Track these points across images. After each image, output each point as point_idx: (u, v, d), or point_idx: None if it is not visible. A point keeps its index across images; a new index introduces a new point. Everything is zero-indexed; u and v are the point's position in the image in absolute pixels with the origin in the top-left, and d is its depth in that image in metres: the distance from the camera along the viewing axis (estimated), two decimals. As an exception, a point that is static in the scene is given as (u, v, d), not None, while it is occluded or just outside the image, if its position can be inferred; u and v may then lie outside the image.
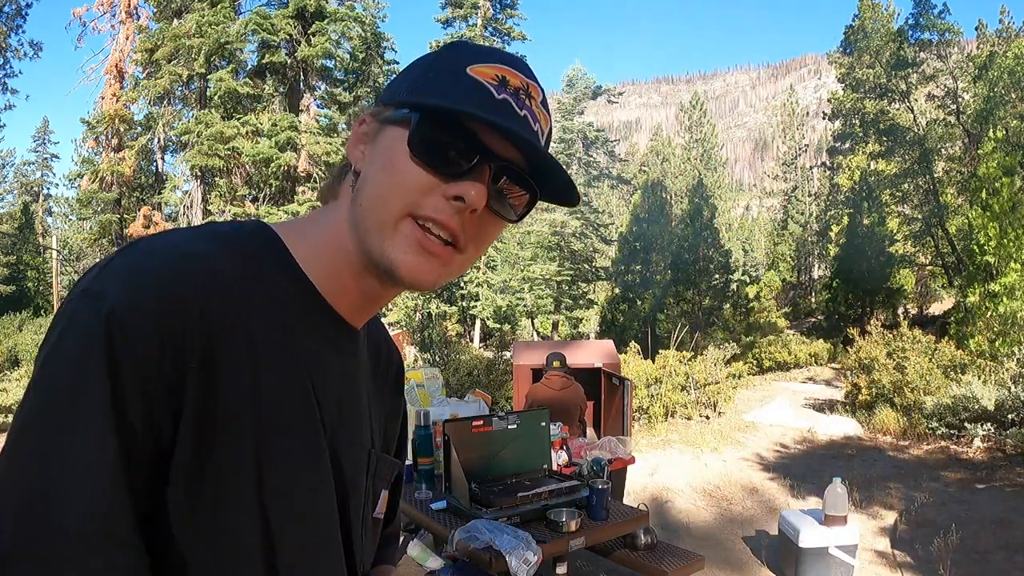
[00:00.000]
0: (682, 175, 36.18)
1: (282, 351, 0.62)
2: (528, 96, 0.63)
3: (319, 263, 0.67)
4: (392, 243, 0.62)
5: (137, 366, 0.53)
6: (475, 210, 0.61)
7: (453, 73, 0.62)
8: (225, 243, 0.63)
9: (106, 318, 0.53)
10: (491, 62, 0.63)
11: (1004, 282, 11.49)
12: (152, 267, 0.56)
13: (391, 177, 0.61)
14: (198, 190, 20.62)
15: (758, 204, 71.98)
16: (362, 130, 0.66)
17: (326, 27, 19.55)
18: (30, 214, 36.00)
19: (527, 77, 0.64)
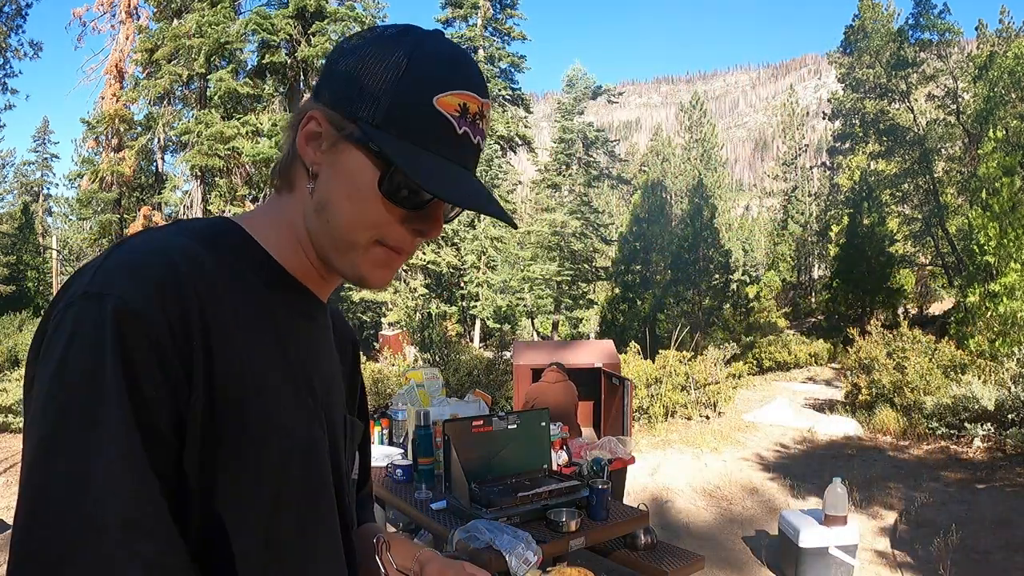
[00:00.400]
0: (682, 175, 36.18)
1: (264, 328, 0.68)
2: (482, 118, 0.69)
3: (282, 250, 0.73)
4: (362, 261, 0.70)
5: (152, 350, 0.57)
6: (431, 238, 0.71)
7: (419, 104, 0.65)
8: (193, 236, 0.67)
9: (113, 314, 0.56)
10: (454, 88, 0.66)
11: (1004, 282, 11.48)
12: (144, 260, 0.61)
13: (361, 208, 0.67)
14: (198, 190, 20.62)
15: (758, 204, 71.95)
16: (313, 129, 0.69)
17: (326, 27, 19.56)
18: (30, 214, 35.98)
19: (482, 96, 0.68)
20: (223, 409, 0.61)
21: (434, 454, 3.02)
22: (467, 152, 0.68)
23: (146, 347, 0.56)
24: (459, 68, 0.68)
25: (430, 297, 23.70)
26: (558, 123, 27.31)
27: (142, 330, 0.56)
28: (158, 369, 0.57)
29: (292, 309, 0.72)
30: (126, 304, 0.56)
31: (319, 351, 0.76)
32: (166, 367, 0.57)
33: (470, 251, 24.87)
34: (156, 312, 0.57)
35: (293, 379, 0.69)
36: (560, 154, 27.02)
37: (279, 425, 0.65)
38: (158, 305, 0.58)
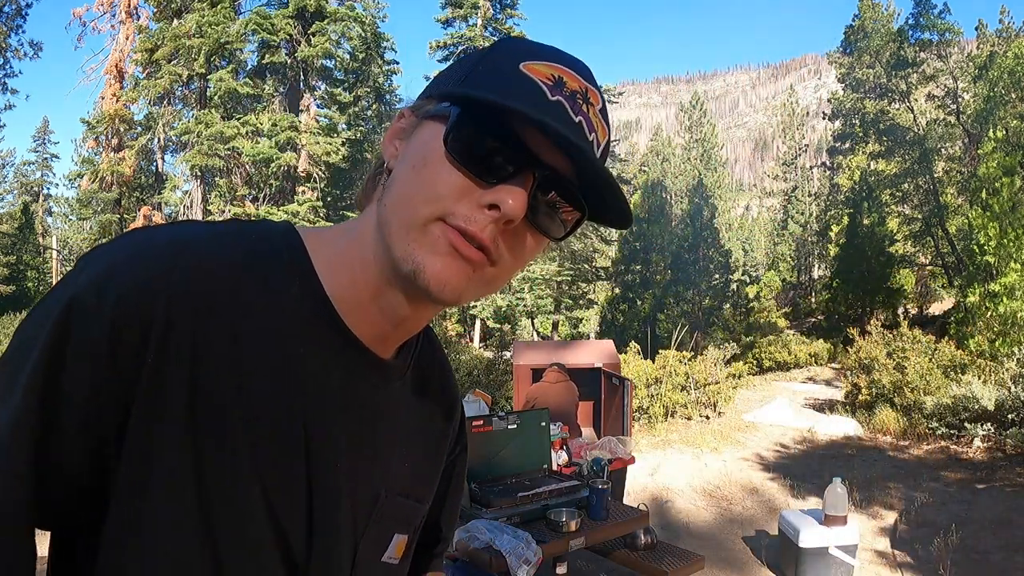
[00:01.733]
0: (682, 175, 36.17)
1: (272, 362, 0.57)
2: (586, 102, 0.57)
3: (338, 273, 0.60)
4: (419, 244, 0.55)
5: (85, 349, 0.51)
6: (511, 221, 0.54)
7: (504, 69, 0.56)
8: (236, 240, 0.58)
9: (67, 301, 0.52)
10: (548, 60, 0.57)
11: (1004, 282, 11.49)
12: (126, 258, 0.54)
13: (422, 176, 0.55)
14: (198, 190, 20.63)
15: (758, 204, 71.97)
16: (399, 125, 0.60)
17: (326, 27, 19.57)
18: (30, 214, 35.98)
19: (587, 81, 0.58)
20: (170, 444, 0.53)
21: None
22: (564, 126, 0.54)
23: (80, 355, 0.51)
24: (558, 51, 0.59)
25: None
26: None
27: (83, 339, 0.51)
28: (83, 375, 0.51)
29: (325, 356, 0.60)
30: (77, 298, 0.52)
31: (353, 417, 0.63)
32: (96, 376, 0.51)
33: (470, 251, 24.86)
34: (104, 314, 0.51)
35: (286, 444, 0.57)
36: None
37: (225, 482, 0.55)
38: (112, 307, 0.51)
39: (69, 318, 0.51)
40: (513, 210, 0.53)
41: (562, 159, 0.55)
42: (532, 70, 0.55)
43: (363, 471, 0.65)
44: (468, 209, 0.54)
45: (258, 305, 0.56)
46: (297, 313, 0.58)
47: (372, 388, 0.64)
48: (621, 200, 0.57)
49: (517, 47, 0.58)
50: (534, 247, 0.59)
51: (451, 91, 0.57)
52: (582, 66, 0.59)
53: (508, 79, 0.55)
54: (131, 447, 0.53)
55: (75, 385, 0.51)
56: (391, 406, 0.67)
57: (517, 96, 0.53)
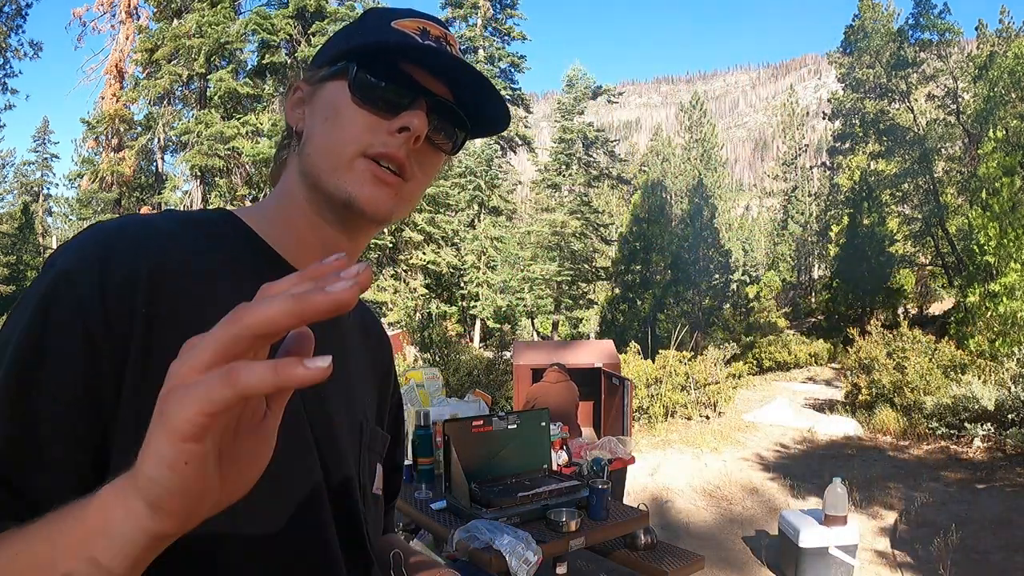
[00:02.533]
0: (682, 175, 36.17)
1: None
2: (447, 44, 0.69)
3: (276, 226, 0.70)
4: (348, 178, 0.65)
5: (75, 312, 0.55)
6: (419, 138, 0.66)
7: (378, 26, 0.68)
8: (187, 220, 0.66)
9: (53, 276, 0.56)
10: (412, 17, 0.69)
11: (1004, 282, 11.49)
12: (103, 232, 0.60)
13: (338, 123, 0.66)
14: (198, 190, 20.63)
15: (758, 204, 71.96)
16: (298, 96, 0.71)
17: (326, 27, 19.56)
18: (30, 214, 35.98)
19: (445, 29, 0.70)
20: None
21: (434, 454, 3.02)
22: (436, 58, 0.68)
23: (70, 314, 0.54)
24: (413, 10, 0.70)
25: (430, 297, 23.70)
26: (558, 123, 27.30)
27: (69, 294, 0.55)
28: (79, 342, 0.54)
29: None
30: (63, 270, 0.56)
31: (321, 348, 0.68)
32: (91, 343, 0.54)
33: (470, 251, 24.88)
34: (90, 280, 0.55)
35: None
36: (560, 154, 27.01)
37: None
38: (99, 273, 0.56)
39: (56, 289, 0.55)
40: (419, 128, 0.65)
41: (443, 88, 0.68)
42: (402, 25, 0.68)
43: (345, 402, 0.72)
44: (383, 137, 0.65)
45: (218, 268, 0.63)
46: (254, 271, 0.64)
47: (332, 324, 0.68)
48: (496, 98, 0.70)
49: (383, 12, 0.70)
50: (436, 163, 0.72)
51: (341, 51, 0.68)
52: (439, 20, 0.71)
53: (385, 33, 0.67)
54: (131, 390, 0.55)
55: (79, 342, 0.54)
56: (349, 340, 0.76)
57: (396, 48, 0.66)
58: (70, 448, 0.54)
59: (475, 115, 0.71)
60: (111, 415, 0.55)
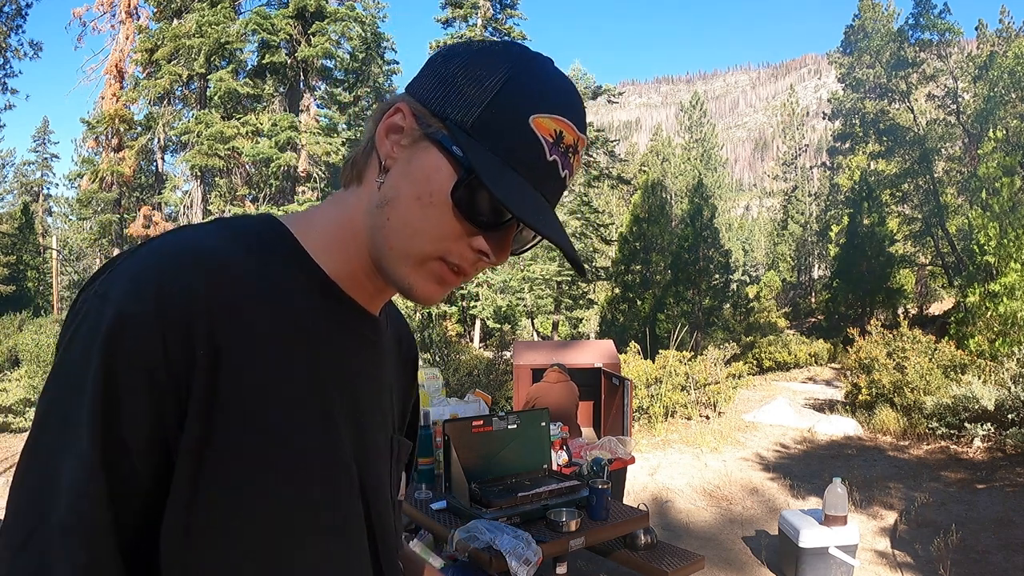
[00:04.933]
0: (682, 175, 36.18)
1: (295, 342, 0.62)
2: (575, 152, 0.65)
3: (331, 254, 0.67)
4: (415, 274, 0.65)
5: (138, 360, 0.54)
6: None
7: (514, 118, 0.61)
8: (232, 236, 0.63)
9: (108, 320, 0.54)
10: (555, 113, 0.62)
11: (1004, 282, 11.49)
12: (154, 264, 0.57)
13: (427, 213, 0.62)
14: (198, 190, 20.63)
15: (758, 204, 71.95)
16: (396, 122, 0.64)
17: (326, 27, 19.56)
18: (30, 214, 35.98)
19: (580, 130, 0.64)
20: (225, 430, 0.56)
21: (434, 454, 3.02)
22: (552, 183, 0.64)
23: (133, 359, 0.54)
24: (563, 94, 0.64)
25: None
26: (558, 123, 27.29)
27: (133, 341, 0.54)
28: (144, 383, 0.54)
29: (332, 321, 0.66)
30: (121, 312, 0.54)
31: (363, 368, 0.70)
32: (154, 382, 0.54)
33: (470, 251, 24.83)
34: (151, 323, 0.54)
35: (321, 399, 0.63)
36: (560, 154, 26.99)
37: (293, 450, 0.60)
38: (157, 316, 0.54)
39: (112, 338, 0.54)
40: (500, 259, 0.65)
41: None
42: (539, 125, 0.61)
43: (380, 421, 0.74)
44: (463, 250, 0.64)
45: (267, 290, 0.62)
46: (301, 290, 0.64)
47: (373, 344, 0.72)
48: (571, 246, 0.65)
49: (530, 91, 0.62)
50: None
51: (461, 136, 0.61)
52: (580, 111, 0.65)
53: (515, 136, 0.61)
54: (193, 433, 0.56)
55: (137, 402, 0.54)
56: (384, 354, 0.76)
57: (520, 159, 0.61)
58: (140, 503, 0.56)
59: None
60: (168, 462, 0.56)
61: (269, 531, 0.59)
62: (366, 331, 0.71)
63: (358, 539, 0.68)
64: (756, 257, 51.06)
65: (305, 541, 0.61)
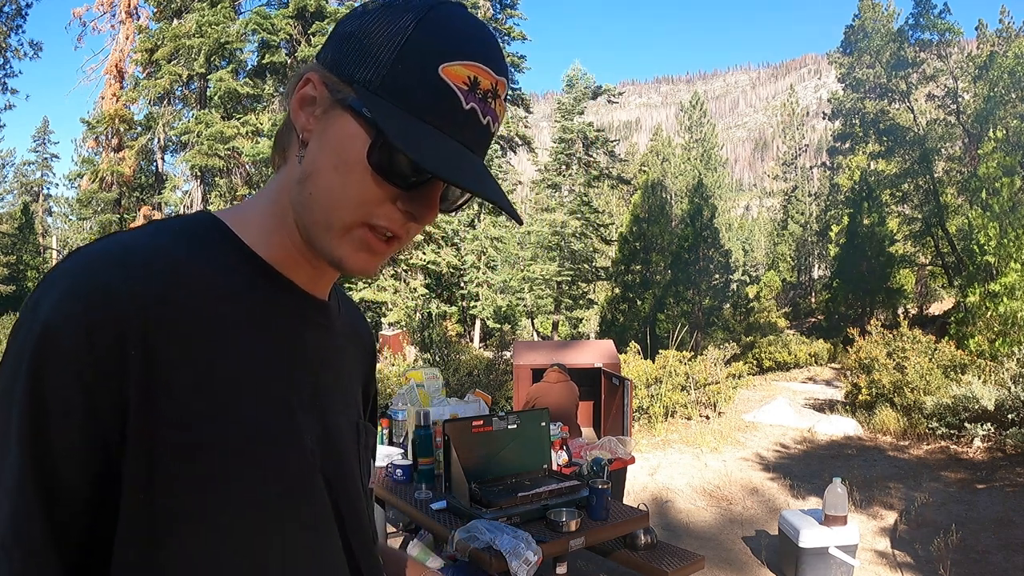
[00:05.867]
0: (682, 175, 36.19)
1: (237, 331, 0.61)
2: (495, 96, 0.62)
3: (269, 243, 0.66)
4: (340, 243, 0.62)
5: (66, 363, 0.53)
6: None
7: (423, 71, 0.59)
8: (165, 234, 0.61)
9: (37, 329, 0.53)
10: (466, 60, 0.59)
11: (1004, 282, 11.48)
12: (80, 268, 0.56)
13: (346, 181, 0.60)
14: (198, 190, 20.63)
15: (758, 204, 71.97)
16: (308, 92, 0.62)
17: (326, 27, 19.55)
18: (30, 214, 35.98)
19: (497, 73, 0.61)
20: (169, 426, 0.55)
21: (434, 454, 3.02)
22: (474, 132, 0.61)
23: (60, 363, 0.52)
24: (474, 39, 0.61)
25: (430, 297, 23.69)
26: (558, 123, 27.29)
27: (58, 347, 0.52)
28: (72, 385, 0.53)
29: (276, 307, 0.65)
30: (47, 320, 0.53)
31: (316, 353, 0.68)
32: (83, 383, 0.53)
33: (470, 251, 24.87)
34: (76, 326, 0.53)
35: (271, 386, 0.62)
36: (560, 154, 27.01)
37: (243, 441, 0.58)
38: (82, 318, 0.53)
39: (41, 350, 0.53)
40: (428, 218, 0.62)
41: None
42: (450, 73, 0.59)
43: (343, 407, 0.72)
44: (388, 212, 0.61)
45: (209, 282, 0.60)
46: (244, 280, 0.63)
47: (325, 329, 0.71)
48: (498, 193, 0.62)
49: (437, 38, 0.59)
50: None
51: (368, 96, 0.59)
52: (495, 54, 0.62)
53: (427, 89, 0.59)
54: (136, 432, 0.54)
55: (68, 414, 0.53)
56: (340, 342, 0.74)
57: (434, 113, 0.59)
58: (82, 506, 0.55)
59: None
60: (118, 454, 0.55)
61: (226, 527, 0.57)
62: (313, 315, 0.69)
63: (328, 530, 0.66)
64: (756, 257, 51.06)
65: (268, 535, 0.60)
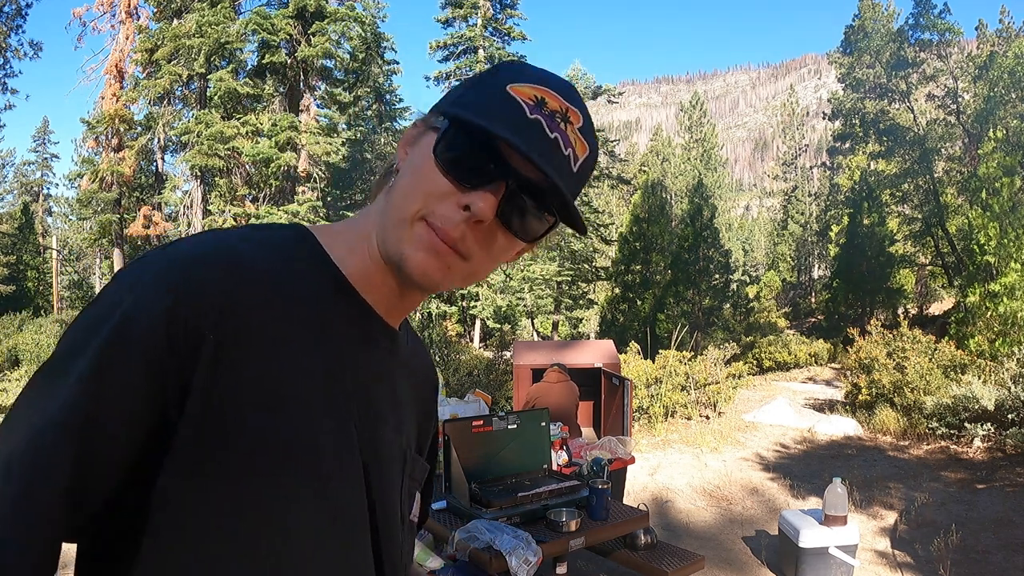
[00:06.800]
0: (682, 175, 36.19)
1: (307, 340, 0.63)
2: (565, 120, 0.63)
3: (351, 259, 0.69)
4: (404, 239, 0.64)
5: (145, 344, 0.56)
6: (481, 221, 0.62)
7: (493, 89, 0.64)
8: (257, 239, 0.66)
9: (122, 314, 0.56)
10: (533, 82, 0.64)
11: (1004, 282, 11.48)
12: (176, 259, 0.60)
13: (416, 179, 0.64)
14: (198, 190, 20.62)
15: (758, 204, 71.98)
16: (411, 133, 0.69)
17: (326, 27, 19.55)
18: (30, 214, 35.98)
19: (568, 102, 0.64)
20: (221, 423, 0.58)
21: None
22: (539, 141, 0.62)
23: (140, 342, 0.55)
24: (547, 77, 0.66)
25: (430, 297, 23.71)
26: (558, 123, 27.29)
27: (139, 338, 0.55)
28: (143, 364, 0.55)
29: (346, 321, 0.68)
30: (134, 308, 0.56)
31: (376, 370, 0.71)
32: (157, 366, 0.56)
33: (470, 251, 24.82)
34: (163, 313, 0.56)
35: (329, 394, 0.64)
36: (560, 154, 27.00)
37: (294, 447, 0.61)
38: (170, 307, 0.56)
39: (122, 331, 0.56)
40: (482, 211, 0.61)
41: (535, 171, 0.62)
42: (516, 91, 0.63)
43: (394, 427, 0.74)
44: (446, 209, 0.62)
45: (285, 290, 0.64)
46: (318, 293, 0.66)
47: (388, 353, 0.73)
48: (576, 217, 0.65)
49: (509, 70, 0.66)
50: (506, 246, 0.67)
51: (445, 108, 0.65)
52: (567, 88, 0.66)
53: (494, 99, 0.63)
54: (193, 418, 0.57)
55: (129, 395, 0.55)
56: (401, 369, 0.76)
57: (499, 115, 0.61)
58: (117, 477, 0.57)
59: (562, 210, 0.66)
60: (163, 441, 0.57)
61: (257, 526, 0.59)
62: (379, 337, 0.71)
63: (360, 539, 0.67)
64: (756, 257, 51.07)
65: (297, 535, 0.61)
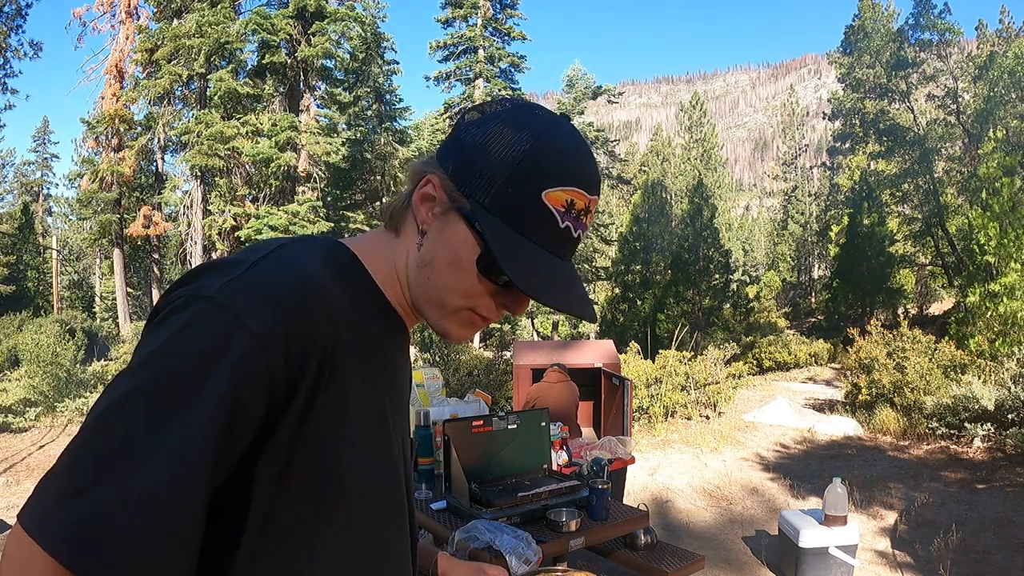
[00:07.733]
0: (682, 175, 36.16)
1: (368, 357, 0.74)
2: (587, 214, 0.74)
3: (387, 285, 0.80)
4: (449, 321, 0.78)
5: (264, 379, 0.62)
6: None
7: (529, 197, 0.71)
8: (326, 262, 0.74)
9: (243, 341, 0.61)
10: (566, 185, 0.72)
11: (1004, 282, 11.47)
12: (281, 286, 0.66)
13: (458, 277, 0.75)
14: (198, 190, 20.62)
15: (758, 204, 71.98)
16: (429, 192, 0.75)
17: (326, 27, 19.54)
18: (30, 214, 35.96)
19: (591, 193, 0.74)
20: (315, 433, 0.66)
21: (434, 454, 3.02)
22: (565, 244, 0.74)
23: (261, 376, 0.61)
24: (577, 164, 0.73)
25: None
26: (558, 123, 27.27)
27: (263, 360, 0.61)
28: (263, 396, 0.62)
29: (393, 341, 0.80)
30: (257, 335, 0.61)
31: (402, 379, 0.84)
32: (272, 394, 0.63)
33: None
34: (279, 345, 0.63)
35: (380, 406, 0.76)
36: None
37: (364, 451, 0.72)
38: (283, 339, 0.63)
39: (247, 353, 0.61)
40: (519, 312, 0.79)
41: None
42: (551, 199, 0.71)
43: (406, 423, 0.86)
44: (488, 305, 0.77)
45: (350, 311, 0.73)
46: (375, 317, 0.77)
47: (407, 358, 0.86)
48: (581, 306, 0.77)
49: (543, 167, 0.71)
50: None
51: (482, 213, 0.72)
52: (593, 176, 0.74)
53: (530, 211, 0.71)
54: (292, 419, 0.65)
55: (252, 414, 0.62)
56: (408, 367, 0.88)
57: (535, 228, 0.72)
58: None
59: None
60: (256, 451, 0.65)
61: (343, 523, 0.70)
62: (403, 342, 0.84)
63: (404, 528, 0.81)
64: (756, 257, 51.06)
65: (372, 532, 0.74)
